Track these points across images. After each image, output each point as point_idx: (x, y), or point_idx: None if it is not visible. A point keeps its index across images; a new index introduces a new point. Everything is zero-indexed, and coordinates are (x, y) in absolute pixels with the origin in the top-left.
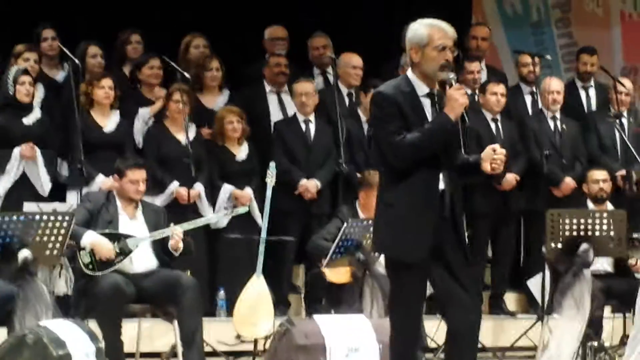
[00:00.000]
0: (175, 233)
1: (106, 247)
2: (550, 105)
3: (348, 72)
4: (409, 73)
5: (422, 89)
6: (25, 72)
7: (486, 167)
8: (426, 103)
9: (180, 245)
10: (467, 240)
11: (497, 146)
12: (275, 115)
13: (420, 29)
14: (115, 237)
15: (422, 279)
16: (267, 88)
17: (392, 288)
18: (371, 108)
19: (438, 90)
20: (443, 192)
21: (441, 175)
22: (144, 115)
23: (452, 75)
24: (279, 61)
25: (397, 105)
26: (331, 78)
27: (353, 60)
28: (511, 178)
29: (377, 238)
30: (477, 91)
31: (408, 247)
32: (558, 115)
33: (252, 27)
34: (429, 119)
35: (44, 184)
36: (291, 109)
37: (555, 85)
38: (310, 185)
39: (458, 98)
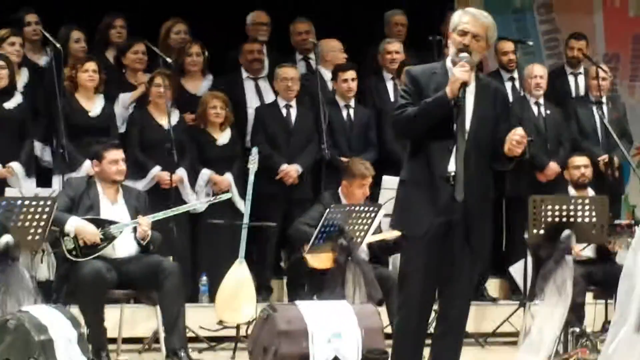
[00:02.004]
0: (141, 223)
1: (91, 232)
2: (533, 90)
3: (336, 56)
4: (447, 58)
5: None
6: None
7: (505, 148)
8: None
9: (149, 233)
10: (479, 227)
11: (519, 129)
12: (252, 101)
13: (455, 15)
14: (98, 223)
15: (430, 255)
16: (244, 74)
17: (400, 263)
18: None
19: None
20: (455, 175)
21: (454, 158)
22: (124, 101)
23: (464, 55)
24: (252, 48)
25: (417, 83)
26: (314, 64)
27: (337, 44)
28: (554, 166)
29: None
30: None
31: (410, 221)
32: (542, 101)
33: (236, 12)
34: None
35: (24, 188)
36: (268, 96)
37: (538, 70)
38: (291, 170)
39: (455, 73)
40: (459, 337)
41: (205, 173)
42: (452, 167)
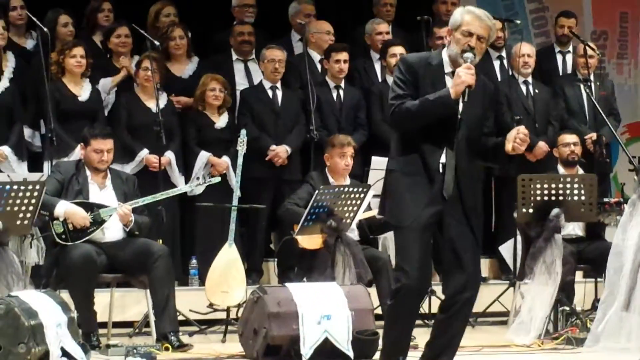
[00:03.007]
0: (121, 209)
1: (81, 215)
2: (520, 68)
3: (323, 38)
4: (444, 50)
5: (448, 67)
6: None
7: (508, 147)
8: (449, 81)
9: (131, 219)
10: (476, 218)
11: (521, 127)
12: (241, 83)
13: (457, 13)
14: (87, 207)
15: (422, 242)
16: (234, 56)
17: (395, 250)
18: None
19: None
20: (445, 168)
21: (445, 154)
22: (104, 86)
23: (468, 55)
24: (242, 30)
25: (414, 73)
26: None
27: (326, 26)
28: (543, 145)
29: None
30: None
31: (399, 211)
32: (530, 79)
33: None
34: None
35: (17, 172)
36: (257, 78)
37: (526, 49)
38: (280, 151)
39: (461, 75)
40: (465, 321)
41: (204, 155)
42: (443, 160)
